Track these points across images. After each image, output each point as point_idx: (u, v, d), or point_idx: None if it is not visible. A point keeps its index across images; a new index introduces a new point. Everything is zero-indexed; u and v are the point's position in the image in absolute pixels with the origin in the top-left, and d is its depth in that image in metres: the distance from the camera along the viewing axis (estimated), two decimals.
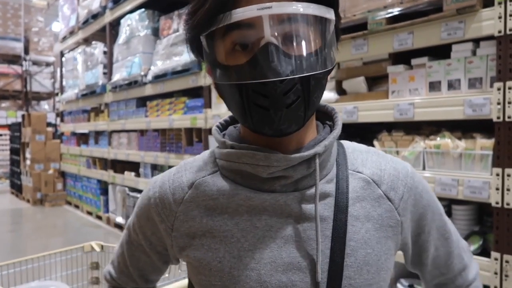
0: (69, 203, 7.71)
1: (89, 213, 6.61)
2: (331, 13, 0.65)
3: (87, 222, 6.23)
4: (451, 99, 2.03)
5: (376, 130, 2.52)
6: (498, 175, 1.86)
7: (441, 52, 2.23)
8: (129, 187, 5.32)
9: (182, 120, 4.24)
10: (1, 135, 12.00)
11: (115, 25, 5.72)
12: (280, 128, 0.62)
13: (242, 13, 0.60)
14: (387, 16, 2.25)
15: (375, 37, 2.38)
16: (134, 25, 5.00)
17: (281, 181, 0.68)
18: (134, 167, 5.48)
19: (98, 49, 6.05)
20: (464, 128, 2.17)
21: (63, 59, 7.66)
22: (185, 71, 4.10)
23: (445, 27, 2.06)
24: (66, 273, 1.85)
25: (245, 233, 0.68)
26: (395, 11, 2.22)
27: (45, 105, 13.80)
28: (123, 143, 5.58)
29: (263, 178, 0.68)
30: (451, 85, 2.11)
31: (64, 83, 7.68)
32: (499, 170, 1.86)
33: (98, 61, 6.03)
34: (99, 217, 6.20)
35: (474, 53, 2.06)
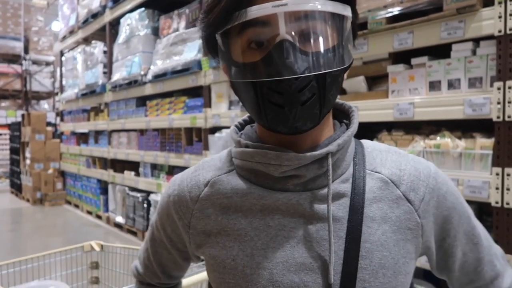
0: (69, 203, 7.70)
1: (89, 213, 6.61)
2: (347, 10, 0.64)
3: (87, 221, 6.23)
4: (451, 99, 2.03)
5: (376, 129, 2.52)
6: (498, 174, 1.86)
7: (441, 51, 2.23)
8: (129, 186, 5.32)
9: (182, 119, 4.24)
10: (0, 135, 11.99)
11: (115, 24, 5.72)
12: (295, 125, 0.61)
13: (257, 11, 0.59)
14: (387, 15, 2.25)
15: (375, 36, 2.37)
16: (134, 24, 5.00)
17: (294, 180, 0.67)
18: (134, 166, 5.49)
19: (98, 48, 6.05)
20: (464, 127, 2.17)
21: (63, 58, 7.67)
22: (185, 70, 4.10)
23: (445, 27, 2.06)
24: (65, 272, 1.84)
25: (258, 232, 0.68)
26: (395, 10, 2.22)
27: (45, 105, 13.80)
28: (123, 143, 5.58)
29: (276, 177, 0.68)
30: (451, 85, 2.11)
31: (64, 82, 7.68)
32: (499, 169, 1.86)
33: (98, 61, 6.02)
34: (99, 217, 6.20)
35: (474, 53, 2.06)
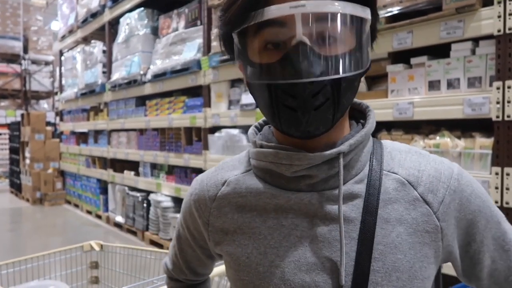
0: (69, 202, 7.70)
1: (89, 212, 6.61)
2: (366, 12, 0.62)
3: (87, 221, 6.23)
4: (450, 98, 2.03)
5: (375, 129, 2.50)
6: (497, 174, 1.86)
7: (440, 51, 2.22)
8: (129, 186, 5.32)
9: (181, 119, 4.24)
10: (0, 134, 11.99)
11: (114, 24, 5.72)
12: (307, 130, 0.61)
13: (274, 11, 0.58)
14: (387, 15, 2.25)
15: None
16: (133, 24, 5.00)
17: (306, 180, 0.67)
18: (133, 166, 5.49)
19: (97, 48, 6.04)
20: (463, 127, 2.17)
21: (62, 58, 7.67)
22: (184, 70, 4.10)
23: (445, 26, 2.06)
24: (65, 272, 1.85)
25: (271, 230, 0.69)
26: (395, 10, 2.22)
27: (44, 104, 13.79)
28: (123, 142, 5.58)
29: (289, 177, 0.68)
30: (451, 84, 2.11)
31: (63, 82, 7.68)
32: (498, 169, 1.86)
33: (97, 60, 6.02)
34: (99, 216, 6.20)
35: (473, 52, 2.06)
